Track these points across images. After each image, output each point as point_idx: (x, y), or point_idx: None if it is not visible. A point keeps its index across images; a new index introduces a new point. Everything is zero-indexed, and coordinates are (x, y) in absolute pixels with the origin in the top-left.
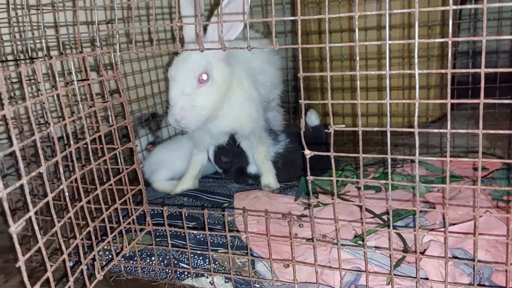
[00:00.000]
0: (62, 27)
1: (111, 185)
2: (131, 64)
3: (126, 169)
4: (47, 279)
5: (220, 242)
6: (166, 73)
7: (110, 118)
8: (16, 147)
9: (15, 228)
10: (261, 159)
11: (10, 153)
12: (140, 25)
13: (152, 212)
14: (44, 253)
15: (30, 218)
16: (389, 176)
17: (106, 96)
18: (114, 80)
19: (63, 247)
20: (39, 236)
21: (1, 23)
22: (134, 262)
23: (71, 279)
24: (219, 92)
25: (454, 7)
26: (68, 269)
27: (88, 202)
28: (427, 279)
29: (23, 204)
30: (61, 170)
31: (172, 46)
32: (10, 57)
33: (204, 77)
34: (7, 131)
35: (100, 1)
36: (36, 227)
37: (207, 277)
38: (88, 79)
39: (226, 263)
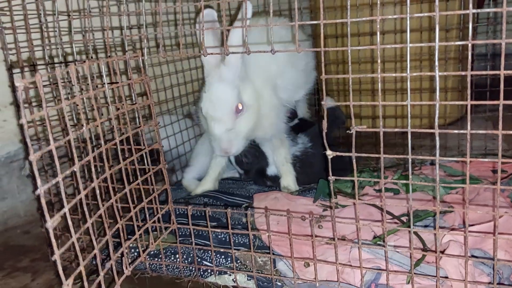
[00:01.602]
0: (96, 31)
1: (138, 184)
2: (160, 67)
3: (152, 169)
4: (78, 274)
5: (241, 242)
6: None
7: (138, 120)
8: (52, 146)
9: (51, 223)
10: (281, 160)
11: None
12: (168, 30)
13: (175, 211)
14: (77, 247)
15: (63, 215)
16: (410, 176)
17: (134, 98)
18: (142, 83)
19: (95, 243)
20: (73, 231)
21: (32, 28)
22: (159, 260)
23: (102, 273)
24: (254, 113)
25: (474, 10)
26: (99, 264)
27: (116, 201)
28: (446, 277)
29: (51, 204)
30: (93, 170)
31: (196, 51)
32: (39, 62)
33: (240, 106)
34: (35, 134)
35: (130, 7)
36: (70, 222)
37: (230, 275)
38: (117, 82)
39: (248, 261)
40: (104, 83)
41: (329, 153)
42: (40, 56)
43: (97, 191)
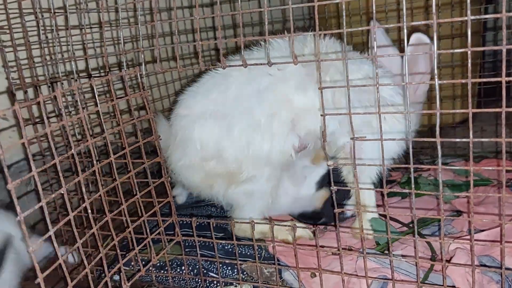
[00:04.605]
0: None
1: (139, 198)
2: (155, 76)
3: (153, 183)
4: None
5: (248, 253)
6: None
7: (138, 134)
8: (57, 159)
9: (33, 248)
10: None
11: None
12: (165, 43)
13: (180, 222)
14: (65, 269)
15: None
16: (412, 186)
17: (132, 114)
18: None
19: (85, 262)
20: (59, 254)
21: (32, 44)
22: (165, 272)
23: None
24: None
25: (473, 17)
26: (91, 282)
27: (120, 214)
28: (454, 287)
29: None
30: (84, 187)
31: (198, 65)
32: (41, 78)
33: None
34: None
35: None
36: (56, 245)
37: (236, 286)
38: (113, 99)
39: (254, 273)
40: (109, 99)
41: (330, 163)
42: (41, 73)
43: (89, 211)
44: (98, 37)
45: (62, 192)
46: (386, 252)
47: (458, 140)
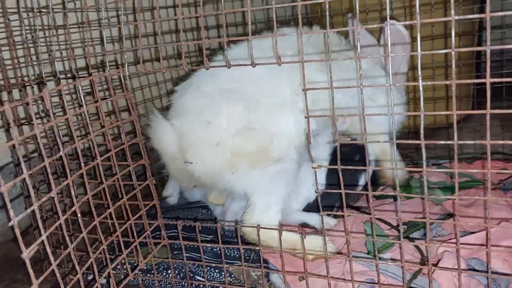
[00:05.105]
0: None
1: (125, 201)
2: (138, 79)
3: (139, 185)
4: None
5: (237, 255)
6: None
7: (122, 136)
8: (46, 162)
9: (27, 253)
10: None
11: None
12: (148, 43)
13: (170, 225)
14: (58, 275)
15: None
16: (398, 189)
17: (116, 115)
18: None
19: (77, 267)
20: (52, 259)
21: (17, 44)
22: (152, 276)
23: None
24: None
25: (457, 17)
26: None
27: (105, 218)
28: None
29: (43, 221)
30: (82, 184)
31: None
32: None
33: None
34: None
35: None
36: (49, 250)
37: None
38: (97, 101)
39: (241, 276)
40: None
41: (314, 166)
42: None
43: (78, 214)
44: (81, 37)
45: (52, 195)
46: (373, 255)
47: (443, 142)
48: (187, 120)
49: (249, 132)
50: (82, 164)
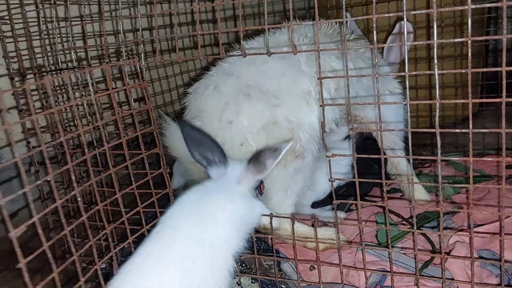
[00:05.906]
0: (90, 39)
1: (136, 188)
2: (157, 70)
3: (152, 173)
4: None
5: (247, 245)
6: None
7: (135, 125)
8: (43, 147)
9: (14, 233)
10: None
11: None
12: (165, 34)
13: None
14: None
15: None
16: (412, 181)
17: (130, 104)
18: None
19: (73, 250)
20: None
21: (33, 35)
22: None
23: (82, 279)
24: None
25: (473, 6)
26: (79, 270)
27: (116, 205)
28: (452, 279)
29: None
30: (74, 179)
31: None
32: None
33: None
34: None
35: (125, 11)
36: (40, 231)
37: (234, 278)
38: (109, 89)
39: (253, 265)
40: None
41: (329, 154)
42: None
43: (79, 201)
44: (98, 28)
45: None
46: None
47: (458, 131)
48: (207, 122)
49: (273, 127)
50: (86, 150)
